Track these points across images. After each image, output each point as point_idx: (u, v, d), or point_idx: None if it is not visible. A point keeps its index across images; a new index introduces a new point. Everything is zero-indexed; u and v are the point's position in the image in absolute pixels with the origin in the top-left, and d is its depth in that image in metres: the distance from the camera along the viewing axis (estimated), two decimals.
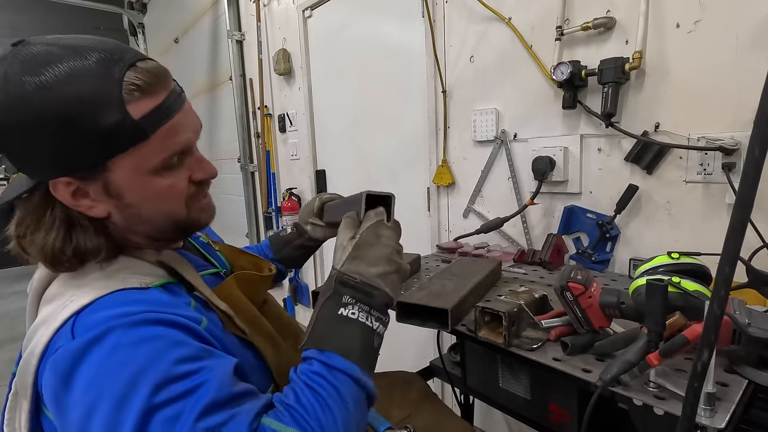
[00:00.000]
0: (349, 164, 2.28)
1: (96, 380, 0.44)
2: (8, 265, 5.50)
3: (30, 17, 5.86)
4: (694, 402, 0.45)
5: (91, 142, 0.49)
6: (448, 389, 1.84)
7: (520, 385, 0.97)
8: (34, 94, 0.46)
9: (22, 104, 0.46)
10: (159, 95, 0.52)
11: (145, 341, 0.46)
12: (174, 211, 0.58)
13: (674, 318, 0.67)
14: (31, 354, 0.49)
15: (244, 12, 2.91)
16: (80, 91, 0.47)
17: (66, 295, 0.51)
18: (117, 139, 0.50)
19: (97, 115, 0.48)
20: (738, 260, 0.39)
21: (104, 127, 0.48)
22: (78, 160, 0.50)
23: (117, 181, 0.52)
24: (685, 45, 1.06)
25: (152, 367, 0.44)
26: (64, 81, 0.47)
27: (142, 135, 0.51)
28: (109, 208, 0.54)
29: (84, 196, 0.53)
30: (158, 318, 0.48)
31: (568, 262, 1.35)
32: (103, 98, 0.48)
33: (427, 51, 1.68)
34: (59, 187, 0.51)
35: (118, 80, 0.48)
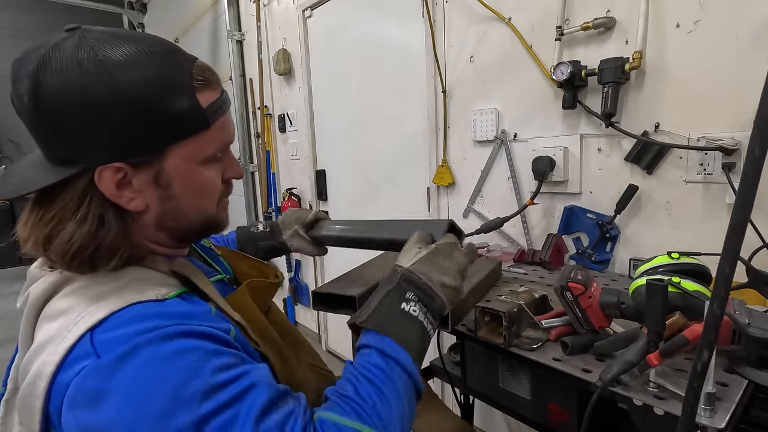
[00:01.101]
0: (349, 164, 2.28)
1: (134, 399, 0.41)
2: (8, 265, 5.50)
3: (30, 17, 5.87)
4: (694, 402, 0.45)
5: (159, 124, 0.49)
6: (448, 389, 1.84)
7: (520, 385, 0.97)
8: (112, 73, 0.46)
9: (98, 83, 0.46)
10: (218, 90, 0.55)
11: (180, 354, 0.44)
12: (208, 208, 0.59)
13: (674, 318, 0.67)
14: (38, 376, 0.45)
15: (244, 12, 2.91)
16: (157, 74, 0.48)
17: (75, 311, 0.47)
18: (185, 125, 0.51)
19: (171, 99, 0.49)
20: (738, 260, 0.39)
21: (176, 111, 0.50)
22: (141, 143, 0.49)
23: (170, 170, 0.52)
24: (685, 45, 1.06)
25: (193, 378, 0.42)
26: (141, 63, 0.48)
27: (206, 124, 0.53)
28: (148, 201, 0.53)
29: (127, 186, 0.51)
30: (190, 330, 0.46)
31: (568, 262, 1.35)
32: (176, 84, 0.50)
33: (427, 51, 1.68)
34: (106, 175, 0.49)
35: (188, 70, 0.51)
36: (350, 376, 0.52)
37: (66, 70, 0.45)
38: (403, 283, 0.59)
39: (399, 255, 0.65)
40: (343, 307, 0.97)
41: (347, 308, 0.96)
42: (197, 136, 0.52)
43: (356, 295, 0.95)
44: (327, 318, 2.72)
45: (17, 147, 5.87)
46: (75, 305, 0.48)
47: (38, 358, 0.46)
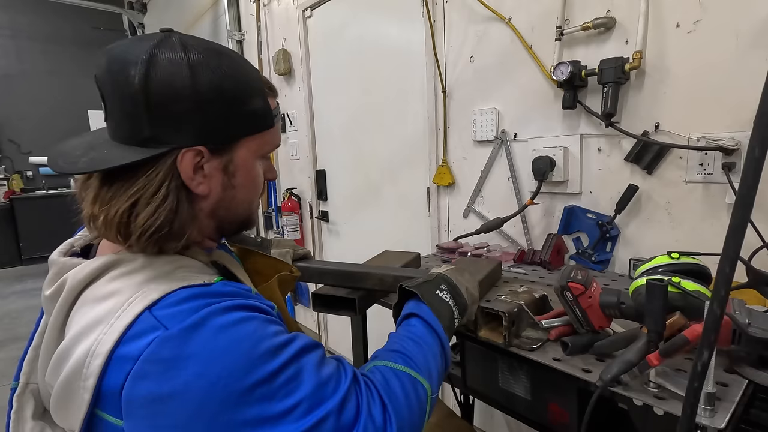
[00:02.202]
0: (349, 164, 2.28)
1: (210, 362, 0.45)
2: (8, 265, 5.51)
3: (30, 18, 5.87)
4: (694, 402, 0.45)
5: (242, 117, 0.57)
6: (448, 389, 1.84)
7: (520, 385, 0.97)
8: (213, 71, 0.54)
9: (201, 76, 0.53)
10: (275, 99, 0.64)
11: (242, 321, 0.48)
12: (253, 201, 0.65)
13: (674, 318, 0.67)
14: (91, 354, 0.46)
15: (244, 12, 2.91)
16: (244, 75, 0.57)
17: (127, 292, 0.49)
18: (259, 121, 0.59)
19: (252, 98, 0.58)
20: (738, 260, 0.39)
21: (254, 108, 0.58)
22: (224, 132, 0.56)
23: (238, 160, 0.59)
24: (685, 45, 1.06)
25: (260, 341, 0.48)
26: (233, 66, 0.56)
27: (271, 123, 0.61)
28: (213, 187, 0.58)
29: (199, 170, 0.56)
30: (244, 303, 0.51)
31: (568, 262, 1.35)
32: (256, 86, 0.59)
33: (427, 51, 1.68)
34: (187, 156, 0.54)
35: (261, 80, 0.61)
36: (397, 338, 0.64)
37: (178, 63, 0.52)
38: (438, 278, 0.74)
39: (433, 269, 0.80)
40: (343, 309, 0.97)
41: (347, 309, 0.96)
42: (264, 133, 0.60)
43: (356, 297, 0.95)
44: (327, 318, 2.72)
45: (17, 147, 5.88)
46: (124, 287, 0.50)
47: (85, 339, 0.47)
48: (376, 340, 1.61)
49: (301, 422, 0.45)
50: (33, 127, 5.79)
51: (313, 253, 2.71)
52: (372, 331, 1.44)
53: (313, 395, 0.47)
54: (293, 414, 0.46)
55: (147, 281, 0.51)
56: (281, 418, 0.45)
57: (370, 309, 1.16)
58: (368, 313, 1.27)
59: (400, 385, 0.55)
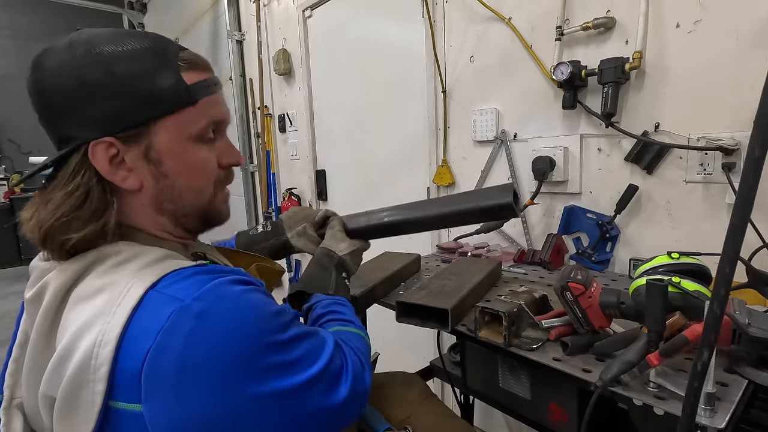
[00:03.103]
0: (349, 164, 2.28)
1: (236, 326, 0.47)
2: (8, 265, 5.51)
3: (30, 18, 5.87)
4: (694, 402, 0.45)
5: (144, 98, 0.52)
6: (448, 389, 1.84)
7: (520, 385, 0.97)
8: (100, 52, 0.51)
9: (87, 63, 0.50)
10: (206, 73, 0.58)
11: (250, 292, 0.51)
12: (203, 189, 0.60)
13: (674, 318, 0.67)
14: (99, 344, 0.45)
15: (244, 12, 2.91)
16: (143, 53, 0.53)
17: (122, 282, 0.49)
18: (169, 100, 0.54)
19: (155, 75, 0.53)
20: (738, 260, 0.39)
21: (160, 87, 0.53)
22: (128, 117, 0.52)
23: (159, 145, 0.54)
24: (685, 45, 1.06)
25: (269, 305, 0.52)
26: (128, 44, 0.52)
27: (192, 99, 0.55)
28: (142, 179, 0.55)
29: (120, 164, 0.53)
30: (242, 279, 0.53)
31: (568, 262, 1.35)
32: (162, 63, 0.54)
33: (427, 51, 1.68)
34: (98, 150, 0.52)
35: (174, 54, 0.55)
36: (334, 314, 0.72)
37: (60, 53, 0.51)
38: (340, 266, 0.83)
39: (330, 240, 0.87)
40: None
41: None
42: (183, 111, 0.55)
43: (357, 295, 0.95)
44: None
45: (17, 147, 5.88)
46: (117, 279, 0.49)
47: (88, 334, 0.46)
48: (377, 339, 1.61)
49: (308, 371, 0.51)
50: (33, 127, 5.67)
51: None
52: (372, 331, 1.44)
53: (313, 349, 0.54)
54: (300, 364, 0.51)
55: (139, 269, 0.50)
56: (292, 367, 0.50)
57: (370, 309, 1.16)
58: (368, 313, 1.27)
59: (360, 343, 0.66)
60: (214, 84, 0.59)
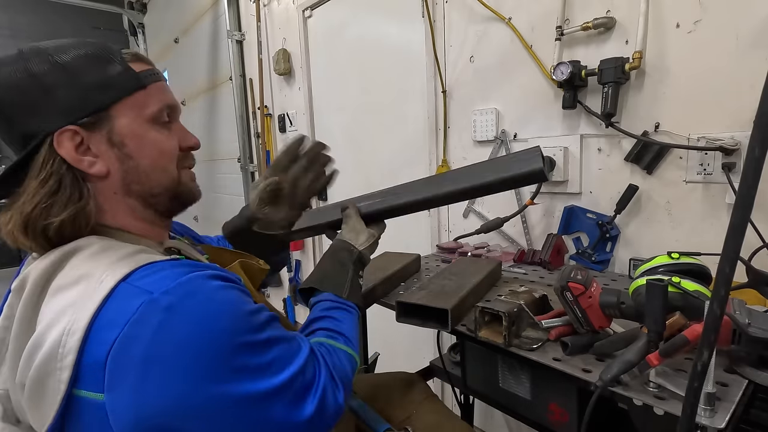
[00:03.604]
0: (349, 164, 2.28)
1: (204, 322, 0.47)
2: (8, 265, 5.50)
3: (30, 18, 5.86)
4: (694, 402, 0.45)
5: (98, 86, 0.56)
6: (448, 389, 1.84)
7: (520, 385, 0.97)
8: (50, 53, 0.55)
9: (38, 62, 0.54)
10: (149, 65, 0.63)
11: (225, 289, 0.51)
12: (167, 169, 0.63)
13: (674, 318, 0.67)
14: (67, 333, 0.45)
15: (244, 12, 2.90)
16: (90, 50, 0.57)
17: (95, 275, 0.49)
18: (121, 84, 0.58)
19: (105, 66, 0.57)
20: (738, 260, 0.39)
21: (110, 75, 0.57)
22: (86, 105, 0.55)
23: (120, 128, 0.58)
24: (685, 45, 1.06)
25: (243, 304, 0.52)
26: (76, 45, 0.57)
27: (141, 84, 0.59)
28: (109, 164, 0.58)
29: (86, 152, 0.56)
30: (220, 274, 0.54)
31: (568, 262, 1.35)
32: (108, 56, 0.58)
33: (427, 51, 1.68)
34: (64, 140, 0.54)
35: (117, 50, 0.60)
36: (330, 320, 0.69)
37: (12, 61, 0.54)
38: (358, 263, 0.80)
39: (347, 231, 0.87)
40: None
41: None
42: (136, 95, 0.59)
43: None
44: None
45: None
46: (91, 270, 0.50)
47: (58, 324, 0.47)
48: (377, 339, 1.62)
49: (276, 378, 0.51)
50: None
51: (313, 253, 2.72)
52: (372, 331, 1.44)
53: (284, 355, 0.53)
54: (270, 369, 0.51)
55: (113, 262, 0.51)
56: (260, 372, 0.50)
57: (370, 308, 1.16)
58: (368, 313, 1.27)
59: (341, 362, 0.63)
60: (159, 73, 0.63)
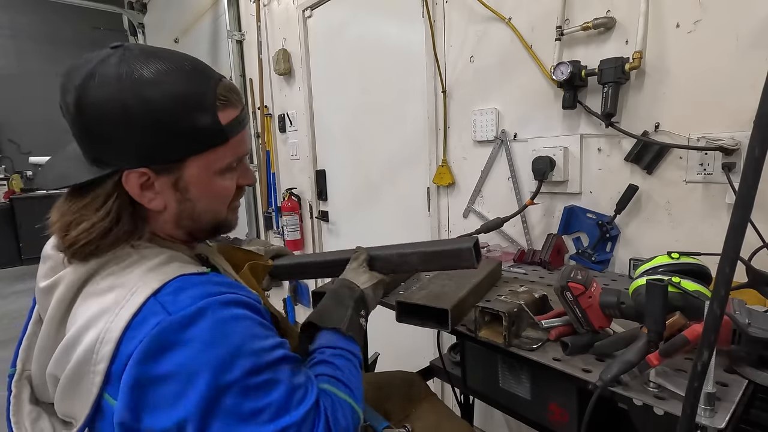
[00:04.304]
0: (349, 164, 2.28)
1: (205, 348, 0.48)
2: (8, 265, 5.50)
3: (30, 18, 5.87)
4: (694, 402, 0.45)
5: (183, 137, 0.55)
6: (448, 389, 1.84)
7: (520, 385, 0.97)
8: (144, 89, 0.52)
9: (131, 97, 0.52)
10: (238, 108, 0.61)
11: (237, 319, 0.52)
12: (220, 211, 0.64)
13: (674, 318, 0.67)
14: (101, 341, 0.49)
15: (244, 12, 2.91)
16: (183, 91, 0.54)
17: (129, 283, 0.53)
18: (205, 139, 0.57)
19: (195, 115, 0.55)
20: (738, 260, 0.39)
21: (198, 127, 0.55)
22: (164, 154, 0.55)
23: (188, 177, 0.58)
24: (685, 45, 1.06)
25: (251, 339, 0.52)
26: (171, 81, 0.54)
27: (224, 139, 0.58)
28: (167, 201, 0.59)
29: (149, 188, 0.57)
30: (240, 300, 0.54)
31: (568, 262, 1.35)
32: (201, 101, 0.55)
33: (427, 51, 1.68)
34: (131, 177, 0.55)
35: (213, 89, 0.57)
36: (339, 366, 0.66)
37: (107, 85, 0.52)
38: (360, 302, 0.76)
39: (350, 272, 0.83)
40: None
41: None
42: (215, 150, 0.58)
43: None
44: None
45: (17, 147, 5.88)
46: (125, 281, 0.53)
47: (93, 328, 0.50)
48: (377, 338, 1.62)
49: (263, 426, 0.49)
50: (33, 127, 5.78)
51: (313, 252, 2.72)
52: (372, 331, 1.44)
53: (283, 403, 0.51)
54: (261, 416, 0.49)
55: (146, 271, 0.54)
56: (250, 417, 0.48)
57: None
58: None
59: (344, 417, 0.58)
60: (243, 118, 0.62)
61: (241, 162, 0.65)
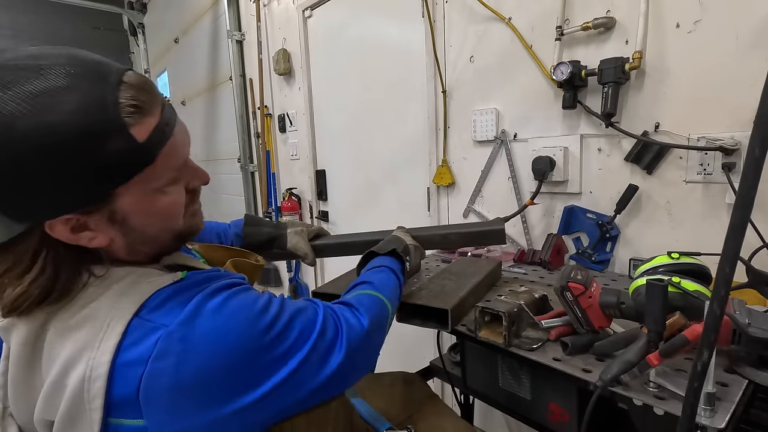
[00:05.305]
0: (349, 164, 2.28)
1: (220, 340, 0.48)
2: None
3: (31, 18, 5.87)
4: (694, 402, 0.45)
5: (96, 174, 0.45)
6: (448, 389, 1.84)
7: (520, 385, 0.97)
8: (22, 127, 0.41)
9: (10, 143, 0.41)
10: (156, 112, 0.49)
11: (230, 297, 0.52)
12: (175, 225, 0.57)
13: (674, 318, 0.67)
14: (88, 380, 0.45)
15: (244, 12, 2.91)
16: (79, 119, 0.43)
17: (101, 316, 0.48)
18: (124, 167, 0.47)
19: (102, 145, 0.44)
20: (738, 260, 0.39)
21: (111, 157, 0.45)
22: (82, 196, 0.46)
23: (122, 208, 0.50)
24: (685, 45, 1.06)
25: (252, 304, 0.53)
26: (51, 104, 0.42)
27: (149, 158, 0.48)
28: (111, 235, 0.51)
29: (83, 228, 0.49)
30: (224, 283, 0.54)
31: (568, 262, 1.35)
32: (105, 126, 0.44)
33: (427, 51, 1.68)
34: (57, 226, 0.47)
35: (114, 103, 0.45)
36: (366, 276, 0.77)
37: None
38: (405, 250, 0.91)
39: None
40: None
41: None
42: (143, 172, 0.48)
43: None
44: None
45: None
46: (96, 312, 0.48)
47: (75, 368, 0.46)
48: None
49: (302, 351, 0.53)
50: None
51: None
52: None
53: (305, 327, 0.55)
54: (295, 347, 0.53)
55: (117, 298, 0.49)
56: (287, 355, 0.52)
57: None
58: None
59: (367, 297, 0.67)
60: (167, 121, 0.51)
61: (184, 166, 0.56)
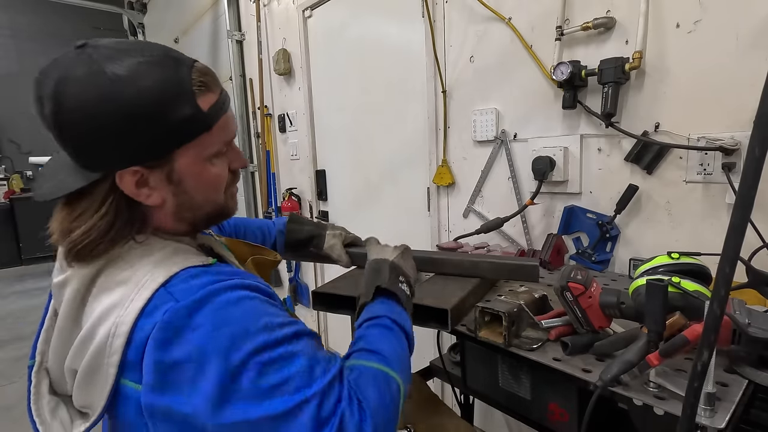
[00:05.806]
0: (349, 164, 2.28)
1: (214, 331, 0.49)
2: (8, 265, 5.50)
3: (31, 18, 5.87)
4: (694, 402, 0.45)
5: (166, 132, 0.55)
6: (448, 389, 1.84)
7: (520, 385, 0.97)
8: (121, 86, 0.51)
9: (107, 101, 0.51)
10: (217, 91, 0.59)
11: (244, 299, 0.53)
12: (218, 198, 0.64)
13: (674, 318, 0.67)
14: (112, 335, 0.51)
15: (244, 12, 2.91)
16: (159, 85, 0.53)
17: (136, 278, 0.54)
18: (188, 130, 0.56)
19: (174, 108, 0.54)
20: (738, 260, 0.39)
21: (179, 119, 0.54)
22: (152, 150, 0.55)
23: (180, 169, 0.58)
24: (685, 45, 1.06)
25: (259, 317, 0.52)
26: (144, 76, 0.52)
27: (208, 126, 0.57)
28: (164, 196, 0.59)
29: (144, 184, 0.57)
30: (246, 283, 0.55)
31: (568, 262, 1.35)
32: (178, 93, 0.54)
33: (427, 51, 1.68)
34: (126, 177, 0.55)
35: (188, 77, 0.55)
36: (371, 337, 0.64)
37: (82, 89, 0.51)
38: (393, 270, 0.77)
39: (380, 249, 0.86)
40: (343, 308, 0.97)
41: (347, 309, 0.96)
42: (200, 137, 0.57)
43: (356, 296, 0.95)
44: (327, 318, 2.72)
45: (18, 147, 5.88)
46: (133, 276, 0.54)
47: (105, 323, 0.52)
48: None
49: (284, 399, 0.47)
50: (33, 127, 5.74)
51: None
52: None
53: (303, 375, 0.49)
54: (281, 389, 0.48)
55: (152, 267, 0.55)
56: (269, 393, 0.48)
57: None
58: None
59: (374, 384, 0.55)
60: (224, 100, 0.61)
61: (230, 146, 0.65)
